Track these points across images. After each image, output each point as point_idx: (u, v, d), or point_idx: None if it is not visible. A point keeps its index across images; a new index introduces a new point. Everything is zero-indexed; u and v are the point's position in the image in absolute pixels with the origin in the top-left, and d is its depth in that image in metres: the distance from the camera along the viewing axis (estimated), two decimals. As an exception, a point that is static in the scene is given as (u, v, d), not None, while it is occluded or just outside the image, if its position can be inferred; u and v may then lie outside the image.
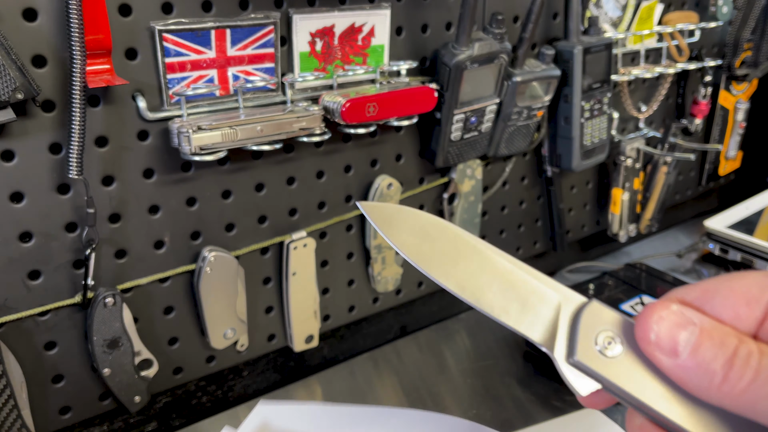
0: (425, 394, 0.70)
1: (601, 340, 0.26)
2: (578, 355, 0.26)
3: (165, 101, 0.54)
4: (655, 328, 0.24)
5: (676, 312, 0.24)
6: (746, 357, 0.22)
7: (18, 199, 0.50)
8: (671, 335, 0.24)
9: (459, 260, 0.28)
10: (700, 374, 0.23)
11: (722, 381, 0.22)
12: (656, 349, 0.24)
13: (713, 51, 0.96)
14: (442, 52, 0.65)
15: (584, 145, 0.80)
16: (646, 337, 0.24)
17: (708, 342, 0.23)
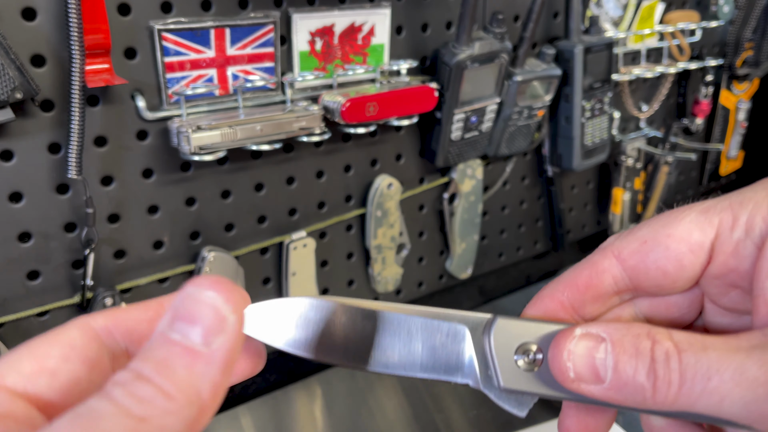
0: (425, 395, 0.69)
1: (520, 356, 0.25)
2: (504, 383, 0.24)
3: (164, 101, 0.53)
4: (569, 365, 0.23)
5: (581, 336, 0.23)
6: (665, 360, 0.21)
7: (17, 199, 0.50)
8: (587, 363, 0.22)
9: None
10: (630, 392, 0.22)
11: (653, 393, 0.21)
12: (580, 384, 0.23)
13: (714, 50, 0.96)
14: (442, 52, 0.65)
15: (585, 145, 0.80)
16: (566, 377, 0.23)
17: (624, 356, 0.22)
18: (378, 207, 0.70)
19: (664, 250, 0.24)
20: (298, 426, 0.67)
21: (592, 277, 0.26)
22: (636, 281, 0.25)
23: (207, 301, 0.19)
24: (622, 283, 0.25)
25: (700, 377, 0.20)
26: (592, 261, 0.26)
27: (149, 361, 0.18)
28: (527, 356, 0.24)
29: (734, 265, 0.23)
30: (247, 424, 0.66)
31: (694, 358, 0.21)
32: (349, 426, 0.66)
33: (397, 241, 0.73)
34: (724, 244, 0.23)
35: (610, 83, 0.79)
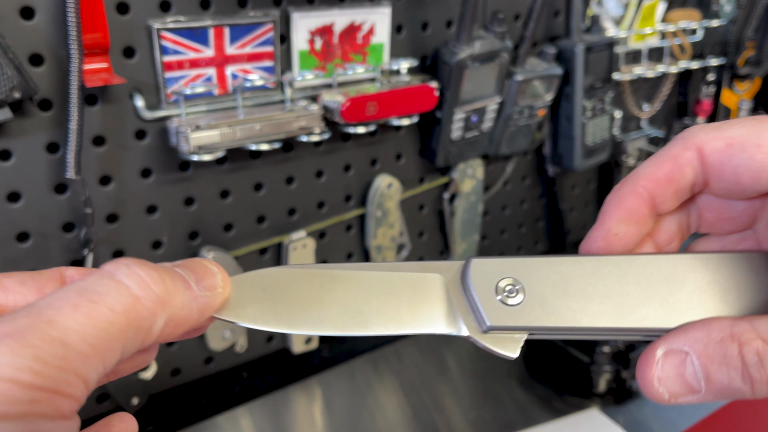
0: (425, 396, 0.69)
1: (502, 293, 0.24)
2: (490, 321, 0.24)
3: (163, 100, 0.53)
4: (662, 390, 0.22)
5: (665, 356, 0.22)
6: (759, 362, 0.21)
7: (15, 199, 0.50)
8: (679, 382, 0.22)
9: (322, 298, 0.24)
10: (729, 394, 0.21)
11: (752, 392, 0.21)
12: (678, 398, 0.22)
13: (716, 49, 0.96)
14: (442, 51, 0.65)
15: (586, 145, 0.79)
16: (661, 399, 0.23)
17: (713, 365, 0.21)
18: (378, 207, 0.69)
19: (748, 159, 0.23)
20: (298, 427, 0.67)
21: (674, 171, 0.25)
22: (707, 177, 0.24)
23: (212, 270, 0.23)
24: (698, 178, 0.25)
25: None
26: (673, 154, 0.25)
27: (150, 267, 0.20)
28: (508, 292, 0.24)
29: None
30: (246, 424, 0.66)
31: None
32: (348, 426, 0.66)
33: (397, 241, 0.73)
34: None
35: (612, 82, 0.79)
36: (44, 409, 0.16)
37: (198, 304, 0.22)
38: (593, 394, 0.68)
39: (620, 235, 0.26)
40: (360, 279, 0.25)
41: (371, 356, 0.76)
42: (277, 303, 0.24)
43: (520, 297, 0.24)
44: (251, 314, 0.24)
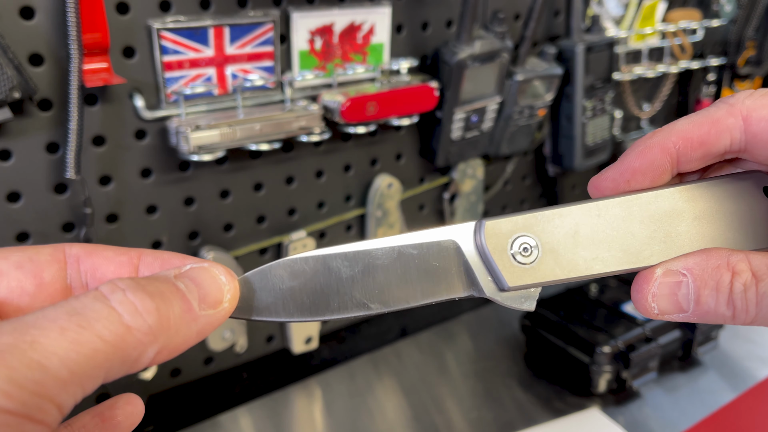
0: (426, 396, 0.69)
1: (517, 252, 0.25)
2: (509, 283, 0.24)
3: (163, 100, 0.53)
4: (653, 305, 0.24)
5: (663, 275, 0.24)
6: (743, 292, 0.23)
7: (15, 199, 0.50)
8: (671, 301, 0.24)
9: (339, 280, 0.24)
10: (711, 318, 0.23)
11: (732, 318, 0.23)
12: (664, 315, 0.24)
13: (716, 49, 0.96)
14: (442, 51, 0.65)
15: (586, 145, 0.79)
16: (650, 314, 0.24)
17: (705, 290, 0.23)
18: (378, 207, 0.69)
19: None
20: (298, 427, 0.67)
21: (711, 135, 0.24)
22: (752, 147, 0.24)
23: (218, 280, 0.22)
24: (737, 145, 0.24)
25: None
26: (715, 117, 0.24)
27: (151, 285, 0.20)
28: (522, 251, 0.25)
29: None
30: (246, 424, 0.66)
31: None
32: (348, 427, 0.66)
33: (397, 241, 0.73)
34: None
35: (612, 82, 0.79)
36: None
37: (198, 326, 0.21)
38: (593, 394, 0.68)
39: (632, 183, 0.26)
40: (378, 253, 0.25)
41: (371, 356, 0.76)
42: (294, 292, 0.24)
43: (534, 254, 0.25)
44: (267, 308, 0.24)
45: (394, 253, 0.25)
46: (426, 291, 0.25)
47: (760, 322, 0.23)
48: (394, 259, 0.25)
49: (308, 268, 0.24)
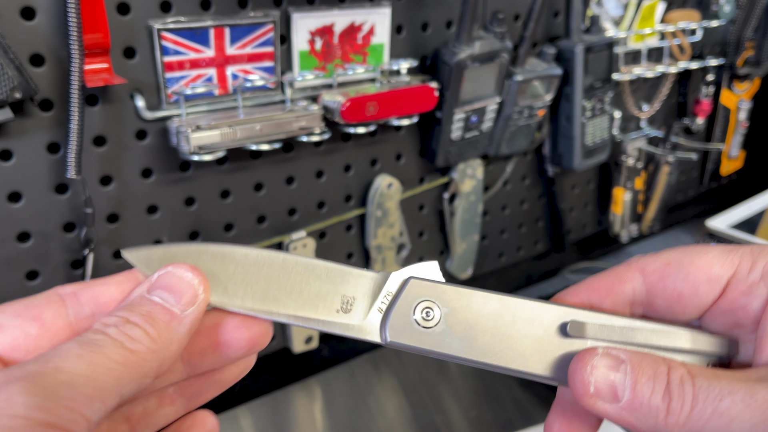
0: (425, 396, 0.69)
1: (419, 314, 0.26)
2: (391, 337, 0.25)
3: (163, 100, 0.53)
4: (591, 379, 0.24)
5: (603, 354, 0.24)
6: (680, 384, 0.22)
7: (16, 199, 0.50)
8: (607, 381, 0.23)
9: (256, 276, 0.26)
10: (644, 413, 0.23)
11: (666, 414, 0.22)
12: (598, 400, 0.24)
13: (715, 50, 0.96)
14: (442, 51, 0.65)
15: (586, 145, 0.79)
16: (586, 392, 0.24)
17: (642, 378, 0.23)
18: (378, 207, 0.69)
19: (684, 274, 0.25)
20: (298, 427, 0.67)
21: (614, 284, 0.27)
22: (652, 297, 0.26)
23: (186, 279, 0.24)
24: (639, 296, 0.27)
25: (712, 398, 0.22)
26: (617, 271, 0.27)
27: (135, 313, 0.23)
28: (427, 314, 0.25)
29: (744, 304, 0.25)
30: (246, 424, 0.66)
31: (706, 382, 0.22)
32: (348, 426, 0.66)
33: (397, 241, 0.73)
34: (739, 282, 0.25)
35: (611, 83, 0.79)
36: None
37: (186, 327, 0.23)
38: (593, 393, 0.68)
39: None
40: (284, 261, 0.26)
41: (371, 356, 0.76)
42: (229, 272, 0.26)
43: (434, 321, 0.26)
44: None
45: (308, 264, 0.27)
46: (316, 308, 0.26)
47: (692, 424, 0.22)
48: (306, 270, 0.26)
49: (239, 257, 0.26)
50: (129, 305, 0.23)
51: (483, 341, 0.25)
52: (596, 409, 0.24)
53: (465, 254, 0.80)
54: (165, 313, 0.23)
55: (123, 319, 0.22)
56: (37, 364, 0.19)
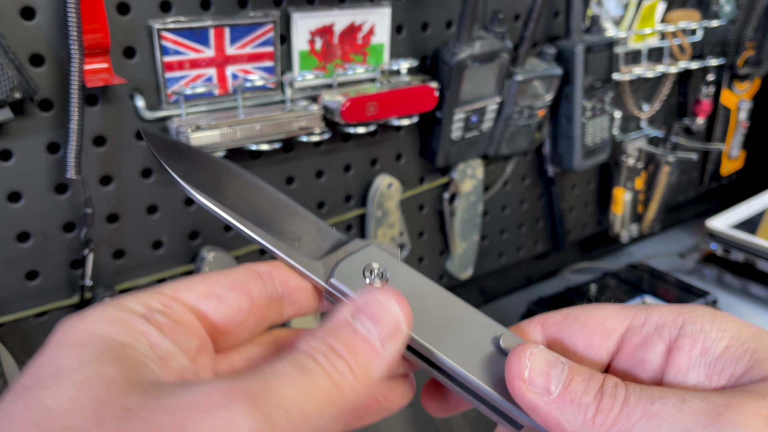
0: (426, 395, 0.69)
1: (369, 275, 0.26)
2: (336, 276, 0.26)
3: (163, 100, 0.53)
4: (528, 363, 0.24)
5: (545, 350, 0.24)
6: (614, 387, 0.22)
7: (16, 199, 0.50)
8: (543, 372, 0.23)
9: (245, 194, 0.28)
10: (573, 409, 0.23)
11: (595, 413, 0.22)
12: (529, 387, 0.23)
13: (715, 50, 0.96)
14: (442, 51, 0.65)
15: (586, 145, 0.79)
16: (519, 375, 0.24)
17: (578, 377, 0.23)
18: (378, 207, 0.69)
19: (580, 327, 0.26)
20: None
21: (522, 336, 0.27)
22: (553, 350, 0.26)
23: (391, 311, 0.23)
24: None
25: (643, 401, 0.22)
26: (521, 325, 0.28)
27: (340, 342, 0.21)
28: (373, 273, 0.26)
29: (641, 357, 0.25)
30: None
31: (639, 389, 0.22)
32: (349, 426, 0.66)
33: (397, 241, 0.73)
34: (634, 335, 0.25)
35: (611, 83, 0.79)
36: None
37: (384, 362, 0.22)
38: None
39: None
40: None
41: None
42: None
43: (378, 283, 0.27)
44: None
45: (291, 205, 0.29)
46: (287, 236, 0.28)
47: (620, 425, 0.22)
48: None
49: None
50: (334, 330, 0.22)
51: (422, 320, 0.26)
52: (526, 398, 0.23)
53: (465, 254, 0.80)
54: (368, 348, 0.22)
55: (330, 348, 0.21)
56: (259, 382, 0.19)
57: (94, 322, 0.20)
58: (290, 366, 0.20)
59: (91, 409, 0.17)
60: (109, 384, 0.18)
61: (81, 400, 0.18)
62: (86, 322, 0.20)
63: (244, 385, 0.19)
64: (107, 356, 0.19)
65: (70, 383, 0.18)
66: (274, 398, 0.19)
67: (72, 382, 0.18)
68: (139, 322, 0.21)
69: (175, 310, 0.22)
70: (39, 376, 0.19)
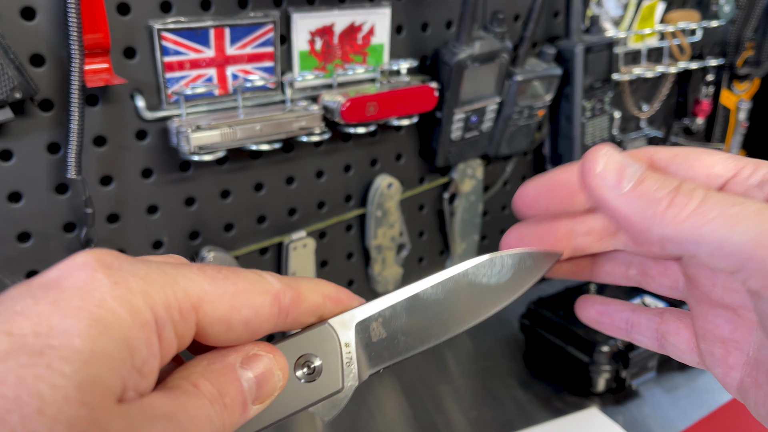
0: (425, 396, 0.69)
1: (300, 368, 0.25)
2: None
3: (164, 100, 0.53)
4: (602, 160, 0.23)
5: (624, 153, 0.23)
6: (692, 189, 0.21)
7: (16, 199, 0.50)
8: (617, 169, 0.23)
9: None
10: (644, 203, 0.22)
11: (667, 206, 0.21)
12: (600, 182, 0.23)
13: (715, 50, 0.96)
14: (442, 51, 0.65)
15: (585, 145, 0.79)
16: (592, 169, 0.23)
17: (653, 177, 0.22)
18: (378, 207, 0.70)
19: (687, 167, 0.25)
20: (298, 427, 0.67)
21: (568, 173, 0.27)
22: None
23: (275, 377, 0.23)
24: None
25: (722, 203, 0.20)
26: (631, 153, 0.26)
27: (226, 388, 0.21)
28: (308, 367, 0.24)
29: None
30: (246, 424, 0.66)
31: (720, 194, 0.21)
32: (348, 427, 0.66)
33: (397, 241, 0.73)
34: (737, 184, 0.24)
35: (611, 83, 0.79)
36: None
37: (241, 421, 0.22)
38: (593, 393, 0.69)
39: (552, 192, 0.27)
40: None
41: (371, 356, 0.76)
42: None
43: (318, 372, 0.25)
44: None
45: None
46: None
47: (693, 221, 0.20)
48: None
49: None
50: (222, 372, 0.21)
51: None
52: (596, 193, 0.23)
53: (465, 254, 0.80)
54: (242, 408, 0.21)
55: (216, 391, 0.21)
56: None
57: (127, 302, 0.18)
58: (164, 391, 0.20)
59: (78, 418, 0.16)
60: (102, 397, 0.17)
61: (70, 407, 0.16)
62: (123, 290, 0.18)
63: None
64: (114, 360, 0.17)
65: (70, 369, 0.16)
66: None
67: (71, 371, 0.16)
68: (149, 329, 0.19)
69: (186, 324, 0.20)
70: (46, 334, 0.17)
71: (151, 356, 0.19)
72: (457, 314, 0.26)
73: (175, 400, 0.19)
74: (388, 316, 0.25)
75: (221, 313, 0.21)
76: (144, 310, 0.19)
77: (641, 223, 0.22)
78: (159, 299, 0.19)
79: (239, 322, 0.21)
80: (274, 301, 0.23)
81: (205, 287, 0.20)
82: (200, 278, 0.21)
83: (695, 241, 0.21)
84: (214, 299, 0.21)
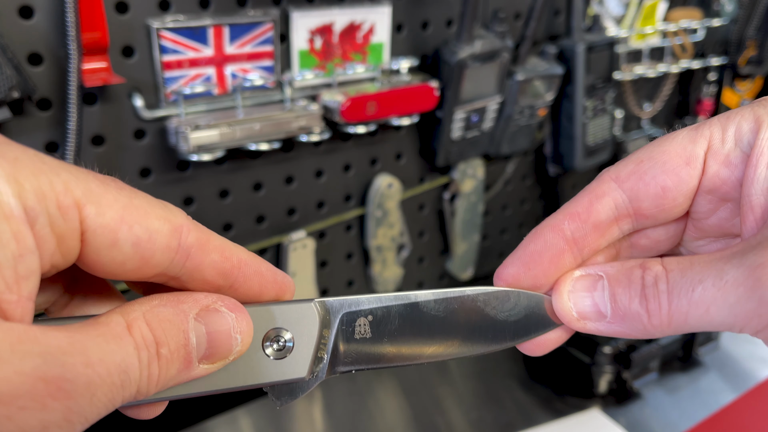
0: (426, 397, 0.69)
1: (270, 343, 0.22)
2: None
3: (162, 100, 0.53)
4: (571, 304, 0.24)
5: (579, 277, 0.24)
6: (654, 284, 0.22)
7: (13, 199, 0.50)
8: (588, 302, 0.23)
9: None
10: (629, 321, 0.22)
11: (648, 317, 0.22)
12: (586, 322, 0.24)
13: (717, 49, 0.96)
14: (443, 50, 0.64)
15: (587, 144, 0.79)
16: (570, 318, 0.24)
17: (619, 288, 0.23)
18: (378, 207, 0.69)
19: (661, 165, 0.24)
20: (298, 428, 0.67)
21: (593, 203, 0.25)
22: (636, 203, 0.24)
23: (232, 338, 0.21)
24: (622, 207, 0.25)
25: (684, 291, 0.21)
26: (591, 188, 0.26)
27: (169, 339, 0.19)
28: (277, 342, 0.22)
29: (726, 176, 0.23)
30: (246, 425, 0.66)
31: (680, 275, 0.21)
32: (348, 427, 0.66)
33: (397, 242, 0.73)
34: (716, 154, 0.23)
35: (612, 82, 0.79)
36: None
37: (185, 377, 0.20)
38: (594, 394, 0.68)
39: (531, 266, 0.26)
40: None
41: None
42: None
43: (289, 349, 0.23)
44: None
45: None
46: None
47: (676, 320, 0.21)
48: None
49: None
50: (169, 318, 0.19)
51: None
52: (588, 329, 0.24)
53: (465, 254, 0.80)
54: (181, 361, 0.20)
55: (152, 337, 0.19)
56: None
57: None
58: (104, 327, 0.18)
59: None
60: None
61: None
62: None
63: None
64: None
65: None
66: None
67: None
68: (16, 221, 0.16)
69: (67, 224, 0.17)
70: None
71: (26, 251, 0.16)
72: (450, 339, 0.24)
73: (73, 335, 0.17)
74: (380, 316, 0.23)
75: (107, 221, 0.18)
76: (7, 198, 0.16)
77: (638, 335, 0.23)
78: (30, 186, 0.16)
79: (128, 241, 0.19)
80: (173, 233, 0.20)
81: (93, 188, 0.18)
82: (90, 178, 0.18)
83: (692, 326, 0.21)
84: (102, 203, 0.18)
